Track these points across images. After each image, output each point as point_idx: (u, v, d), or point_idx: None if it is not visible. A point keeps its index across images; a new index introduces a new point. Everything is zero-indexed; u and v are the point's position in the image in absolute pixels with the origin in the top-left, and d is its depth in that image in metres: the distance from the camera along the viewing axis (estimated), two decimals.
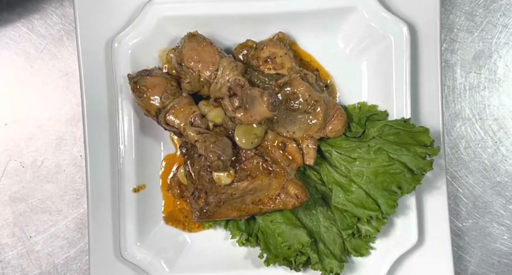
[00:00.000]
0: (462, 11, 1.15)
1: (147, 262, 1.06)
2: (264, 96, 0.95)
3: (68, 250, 1.15)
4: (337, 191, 1.03)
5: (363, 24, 1.06)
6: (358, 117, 1.07)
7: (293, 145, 1.02)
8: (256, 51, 1.05)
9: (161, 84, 1.01)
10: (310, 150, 1.03)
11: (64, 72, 1.14)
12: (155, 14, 1.04)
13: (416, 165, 1.00)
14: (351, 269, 1.08)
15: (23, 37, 1.14)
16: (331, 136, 1.05)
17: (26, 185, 1.15)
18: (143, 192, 1.08)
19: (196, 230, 1.10)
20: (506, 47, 1.16)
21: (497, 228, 1.17)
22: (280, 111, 1.01)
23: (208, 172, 1.01)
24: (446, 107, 1.16)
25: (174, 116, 1.01)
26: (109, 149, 1.07)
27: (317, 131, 1.04)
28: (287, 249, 1.03)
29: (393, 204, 1.01)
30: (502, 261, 1.17)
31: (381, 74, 1.07)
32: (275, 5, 1.04)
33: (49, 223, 1.15)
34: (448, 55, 1.15)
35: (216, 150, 0.96)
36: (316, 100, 1.02)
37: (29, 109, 1.14)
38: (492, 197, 1.17)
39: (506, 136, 1.16)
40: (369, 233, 1.04)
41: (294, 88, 1.01)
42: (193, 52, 1.01)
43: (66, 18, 1.14)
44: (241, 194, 1.02)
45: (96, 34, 1.05)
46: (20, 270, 1.15)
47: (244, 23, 1.06)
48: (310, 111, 1.02)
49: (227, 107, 1.00)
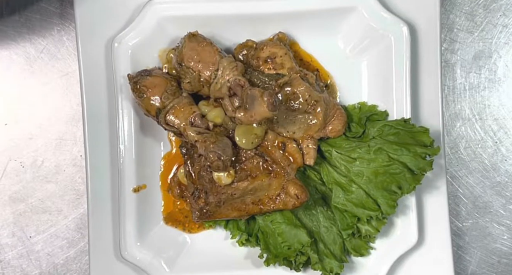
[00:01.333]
0: (462, 11, 1.15)
1: (147, 262, 1.06)
2: (264, 96, 0.95)
3: (68, 250, 1.15)
4: (337, 191, 1.03)
5: (363, 24, 1.06)
6: (358, 117, 1.07)
7: (293, 145, 1.02)
8: (256, 51, 1.05)
9: (161, 84, 1.01)
10: (310, 150, 1.03)
11: (64, 72, 1.14)
12: (155, 14, 1.04)
13: (416, 165, 1.00)
14: (351, 269, 1.08)
15: (23, 37, 1.13)
16: (331, 136, 1.05)
17: (26, 185, 1.15)
18: (143, 192, 1.08)
19: (196, 231, 1.10)
20: (506, 47, 1.16)
21: (497, 228, 1.17)
22: (280, 111, 1.01)
23: (208, 172, 1.01)
24: (446, 107, 1.16)
25: (174, 116, 1.01)
26: (109, 149, 1.07)
27: (317, 131, 1.04)
28: (287, 249, 1.03)
29: (393, 204, 1.01)
30: (502, 261, 1.17)
31: (381, 74, 1.07)
32: (275, 5, 1.04)
33: (49, 223, 1.15)
34: (448, 55, 1.15)
35: (216, 150, 0.96)
36: (316, 100, 1.02)
37: (29, 109, 1.14)
38: (492, 197, 1.17)
39: (506, 136, 1.16)
40: (369, 233, 1.04)
41: (294, 88, 1.01)
42: (193, 52, 1.01)
43: (66, 18, 1.14)
44: (241, 194, 1.02)
45: (96, 34, 1.05)
46: (20, 270, 1.15)
47: (244, 23, 1.06)
48: (310, 111, 1.02)
49: (227, 107, 1.00)
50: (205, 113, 1.01)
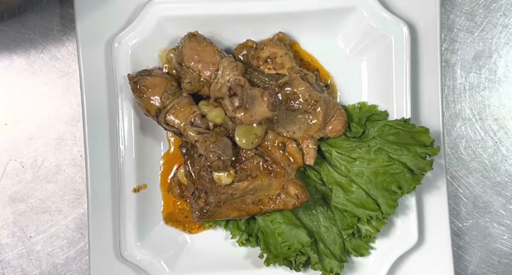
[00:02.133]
0: (462, 11, 1.15)
1: (147, 262, 1.06)
2: (264, 96, 0.95)
3: (68, 250, 1.15)
4: (337, 191, 1.03)
5: (363, 24, 1.06)
6: (358, 117, 1.07)
7: (293, 145, 1.02)
8: (256, 51, 1.05)
9: (161, 84, 1.01)
10: (310, 150, 1.03)
11: (64, 72, 1.14)
12: (155, 14, 1.04)
13: (416, 165, 1.00)
14: (351, 269, 1.08)
15: (23, 37, 1.13)
16: (331, 136, 1.05)
17: (26, 185, 1.14)
18: (143, 192, 1.08)
19: (197, 231, 1.10)
20: (506, 47, 1.16)
21: (497, 228, 1.17)
22: (280, 111, 1.01)
23: (208, 172, 1.01)
24: (446, 107, 1.16)
25: (174, 116, 1.01)
26: (109, 149, 1.07)
27: (317, 131, 1.04)
28: (287, 249, 1.03)
29: (393, 204, 1.01)
30: (502, 261, 1.17)
31: (381, 74, 1.07)
32: (275, 5, 1.04)
33: (49, 223, 1.15)
34: (448, 55, 1.15)
35: (216, 150, 0.96)
36: (316, 100, 1.02)
37: (29, 109, 1.14)
38: (492, 197, 1.17)
39: (506, 136, 1.16)
40: (369, 233, 1.04)
41: (294, 88, 1.01)
42: (193, 52, 1.01)
43: (66, 18, 1.14)
44: (241, 194, 1.02)
45: (96, 34, 1.05)
46: (20, 270, 1.15)
47: (244, 23, 1.06)
48: (310, 111, 1.02)
49: (227, 107, 1.00)
50: (205, 113, 1.01)
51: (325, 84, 1.09)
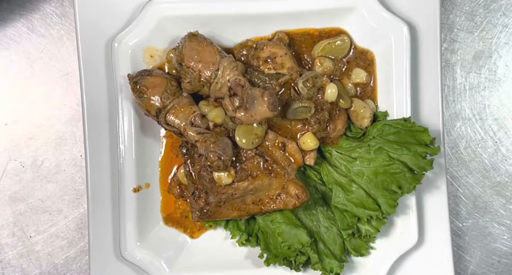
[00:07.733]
0: (462, 11, 1.15)
1: (147, 262, 1.06)
2: (264, 96, 0.95)
3: (68, 250, 1.15)
4: (337, 191, 1.03)
5: (363, 24, 1.06)
6: None
7: (293, 145, 1.02)
8: (256, 51, 1.05)
9: (161, 84, 1.01)
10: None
11: (64, 72, 1.14)
12: (155, 14, 1.04)
13: (416, 164, 1.00)
14: (351, 269, 1.08)
15: (23, 37, 1.14)
16: (331, 136, 1.05)
17: (26, 185, 1.15)
18: (143, 192, 1.08)
19: (198, 235, 1.10)
20: (506, 47, 1.16)
21: (497, 228, 1.17)
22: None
23: (209, 172, 1.01)
24: (446, 107, 1.16)
25: (174, 116, 1.01)
26: (109, 149, 1.07)
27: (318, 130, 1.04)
28: (287, 249, 1.03)
29: (393, 203, 1.01)
30: (502, 261, 1.17)
31: (381, 74, 1.07)
32: (275, 5, 1.04)
33: (49, 223, 1.15)
34: (448, 55, 1.15)
35: (216, 150, 0.96)
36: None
37: (29, 109, 1.14)
38: (492, 197, 1.17)
39: (506, 136, 1.17)
40: (369, 233, 1.04)
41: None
42: (193, 52, 1.01)
43: (66, 18, 1.14)
44: (242, 194, 1.02)
45: (96, 34, 1.05)
46: (20, 270, 1.15)
47: (244, 23, 1.06)
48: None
49: (227, 107, 1.00)
50: (205, 113, 1.01)
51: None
